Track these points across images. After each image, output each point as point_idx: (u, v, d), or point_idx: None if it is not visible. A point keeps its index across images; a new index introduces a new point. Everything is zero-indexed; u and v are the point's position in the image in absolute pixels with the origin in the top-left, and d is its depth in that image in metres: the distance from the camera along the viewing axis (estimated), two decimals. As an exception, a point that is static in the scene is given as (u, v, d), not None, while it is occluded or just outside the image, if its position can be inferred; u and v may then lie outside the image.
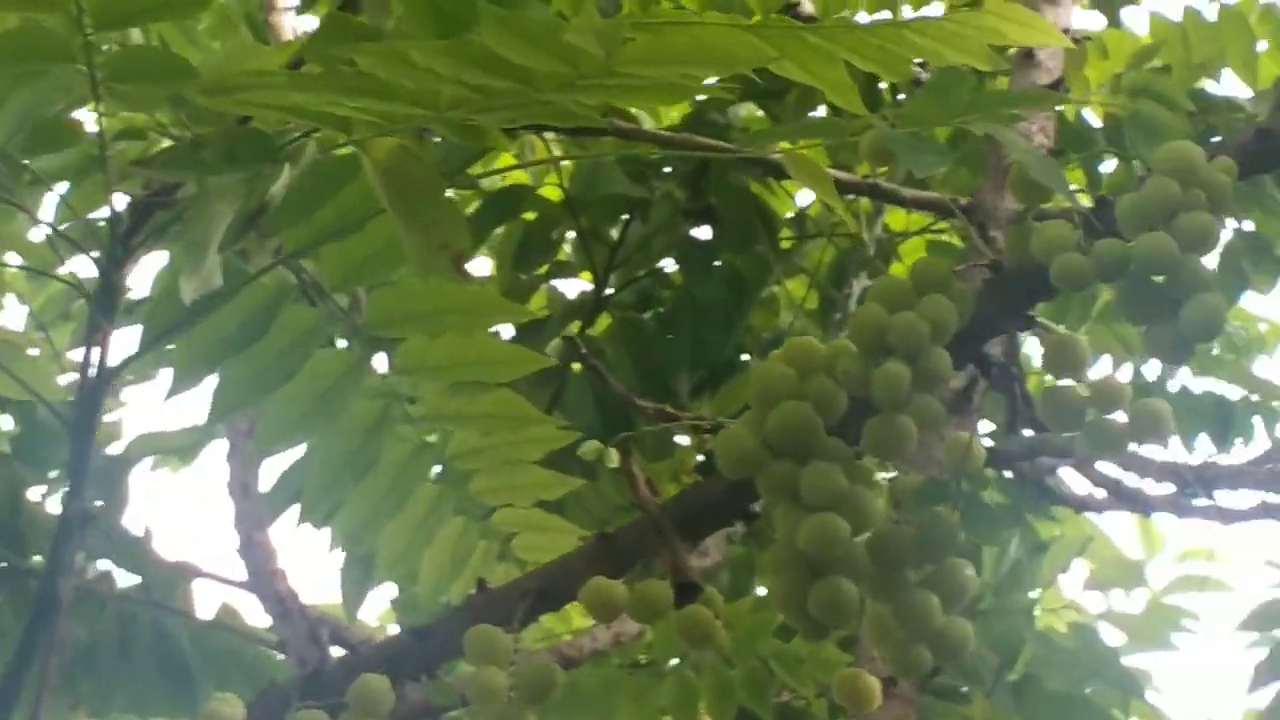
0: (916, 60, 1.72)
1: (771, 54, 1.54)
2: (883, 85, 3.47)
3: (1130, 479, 2.74)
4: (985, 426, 3.01)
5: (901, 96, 3.39)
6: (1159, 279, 1.48)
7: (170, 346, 2.03)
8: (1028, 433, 2.73)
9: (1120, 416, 1.56)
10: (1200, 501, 2.68)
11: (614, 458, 2.98)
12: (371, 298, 2.20)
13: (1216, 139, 3.14)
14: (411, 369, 2.13)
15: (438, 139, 1.86)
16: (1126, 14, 3.65)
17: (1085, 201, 1.57)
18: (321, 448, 2.17)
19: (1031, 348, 3.17)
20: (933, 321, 1.49)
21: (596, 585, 1.62)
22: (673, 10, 1.77)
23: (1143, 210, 1.48)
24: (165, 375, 2.04)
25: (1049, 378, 1.58)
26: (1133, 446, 1.57)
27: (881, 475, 1.58)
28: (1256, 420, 3.84)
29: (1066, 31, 2.66)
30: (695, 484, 1.66)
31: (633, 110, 3.77)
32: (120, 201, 1.91)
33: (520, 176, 3.75)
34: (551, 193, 3.73)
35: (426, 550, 2.26)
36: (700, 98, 3.51)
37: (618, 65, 1.46)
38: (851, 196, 3.27)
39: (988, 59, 1.67)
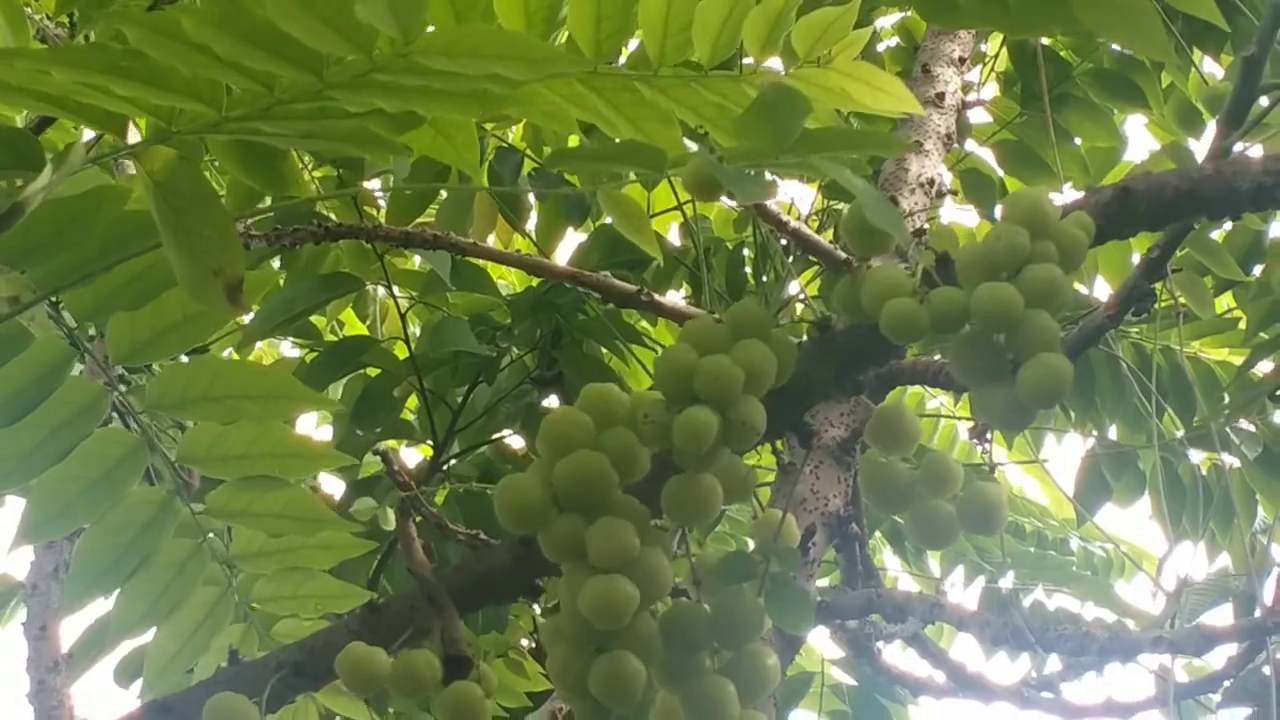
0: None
1: (583, 61, 1.39)
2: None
3: (973, 661, 2.58)
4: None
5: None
6: (999, 336, 1.33)
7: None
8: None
9: (949, 503, 1.40)
10: (1045, 694, 2.51)
11: (391, 518, 2.80)
12: (157, 374, 2.03)
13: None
14: (198, 458, 1.96)
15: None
16: (999, 209, 3.56)
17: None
18: (93, 535, 1.98)
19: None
20: (748, 368, 1.33)
21: (354, 653, 1.43)
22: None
23: (987, 259, 1.33)
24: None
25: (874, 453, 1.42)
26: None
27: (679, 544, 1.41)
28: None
29: (931, 183, 2.55)
30: (476, 549, 1.47)
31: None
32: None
33: (360, 328, 3.60)
34: (397, 349, 3.56)
35: (199, 659, 2.06)
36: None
37: (417, 54, 1.31)
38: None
39: (831, 121, 1.53)
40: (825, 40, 1.53)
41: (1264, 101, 2.27)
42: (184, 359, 2.12)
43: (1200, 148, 3.35)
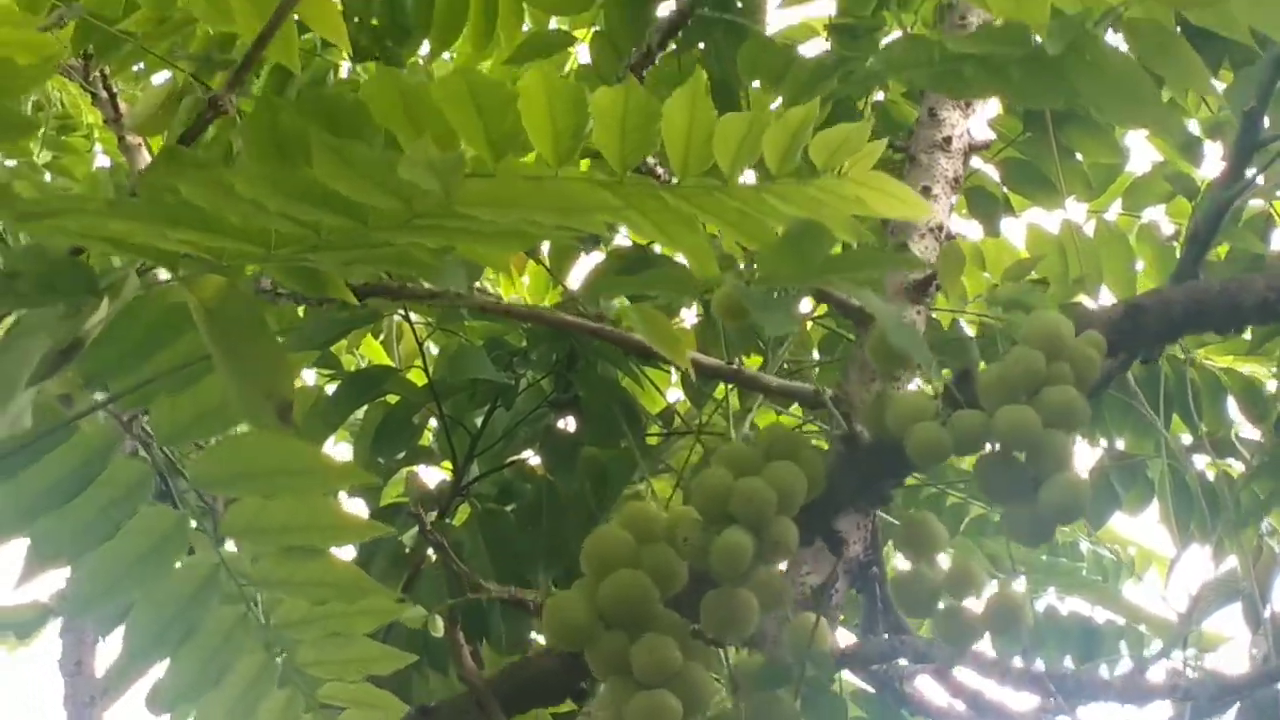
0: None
1: (615, 203, 1.46)
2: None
3: (991, 689, 2.64)
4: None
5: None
6: (1019, 455, 1.40)
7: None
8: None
9: (974, 605, 1.47)
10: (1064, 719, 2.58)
11: (440, 626, 2.87)
12: (201, 454, 2.10)
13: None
14: (241, 530, 2.03)
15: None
16: (1005, 224, 3.62)
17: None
18: (140, 610, 2.05)
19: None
20: (780, 489, 1.40)
21: (408, 760, 1.50)
22: (528, 164, 1.69)
23: (1006, 382, 1.40)
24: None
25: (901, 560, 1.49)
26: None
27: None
28: (1122, 645, 3.77)
29: (940, 229, 2.61)
30: (524, 657, 1.55)
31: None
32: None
33: (381, 357, 3.67)
34: (415, 376, 3.63)
35: (246, 724, 2.13)
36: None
37: (457, 205, 1.38)
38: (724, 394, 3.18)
39: (850, 230, 1.60)
40: (841, 154, 1.60)
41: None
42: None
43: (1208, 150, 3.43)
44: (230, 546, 2.13)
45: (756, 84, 2.61)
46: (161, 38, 2.74)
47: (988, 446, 1.40)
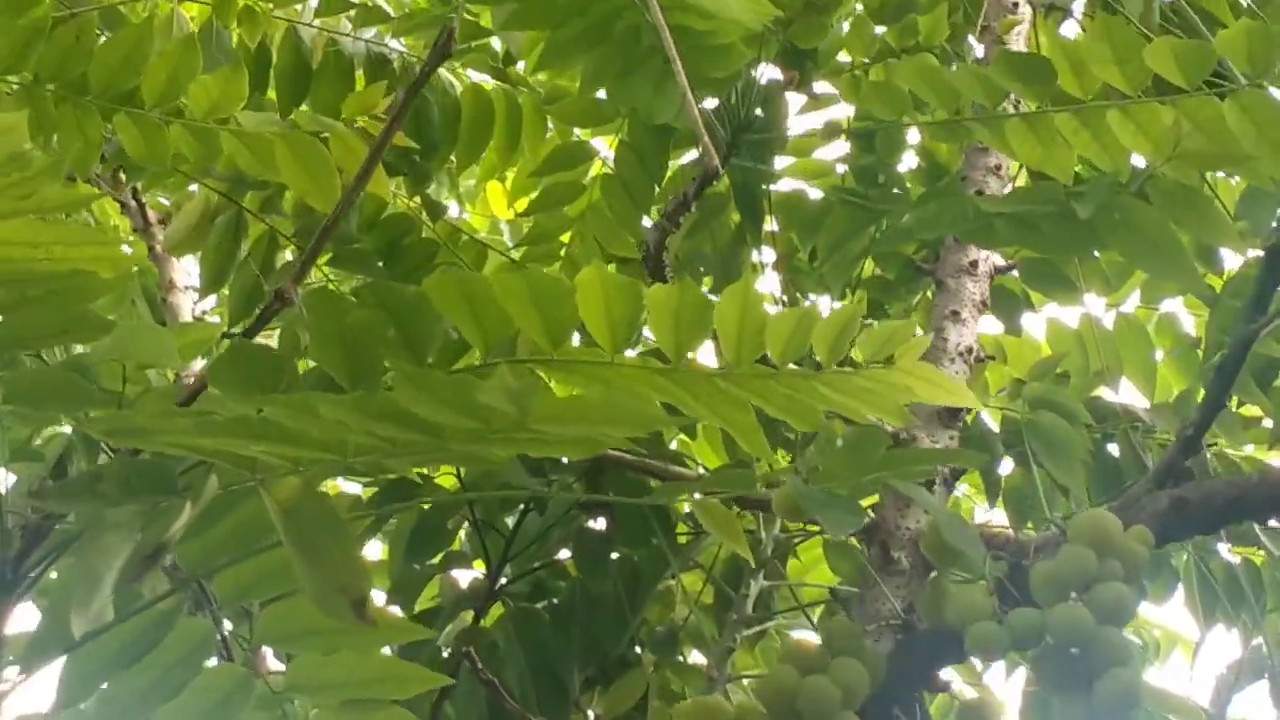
0: None
1: (671, 419, 1.53)
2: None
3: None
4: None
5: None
6: (1074, 650, 1.46)
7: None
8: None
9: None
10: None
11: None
12: (264, 612, 2.16)
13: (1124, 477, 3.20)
14: (303, 686, 2.09)
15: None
16: (1025, 319, 3.68)
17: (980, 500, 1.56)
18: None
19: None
20: (844, 687, 1.46)
21: None
22: (585, 350, 1.76)
23: (1058, 580, 1.47)
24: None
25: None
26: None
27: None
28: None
29: (969, 351, 2.68)
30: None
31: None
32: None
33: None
34: (447, 481, 3.69)
35: None
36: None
37: (531, 422, 1.45)
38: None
39: (900, 415, 1.66)
40: (888, 346, 1.67)
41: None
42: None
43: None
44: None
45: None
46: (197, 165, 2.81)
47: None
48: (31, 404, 1.79)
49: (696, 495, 1.64)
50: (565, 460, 3.64)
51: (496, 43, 3.60)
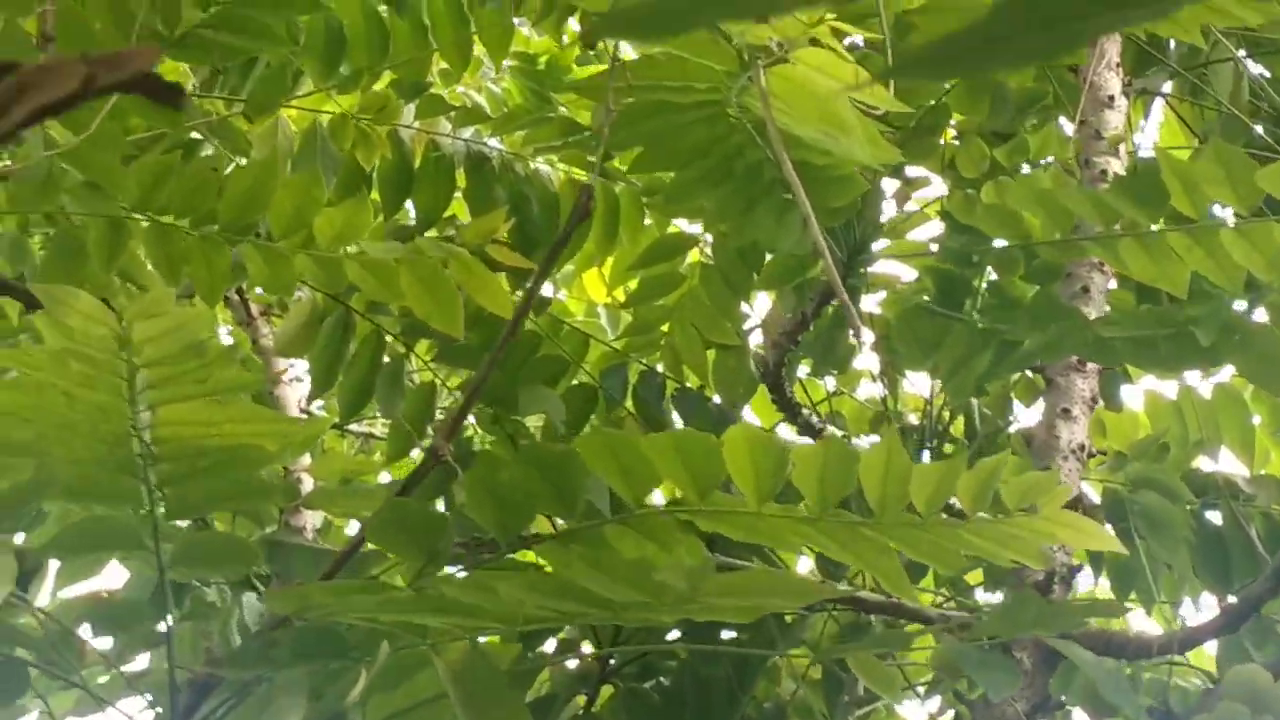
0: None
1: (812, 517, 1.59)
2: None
3: None
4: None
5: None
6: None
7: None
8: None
9: None
10: None
11: None
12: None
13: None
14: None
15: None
16: (1124, 391, 3.72)
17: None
18: None
19: None
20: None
21: None
22: (732, 499, 1.82)
23: (1214, 737, 1.52)
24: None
25: None
26: None
27: None
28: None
29: (1081, 448, 2.73)
30: None
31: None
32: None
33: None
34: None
35: None
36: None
37: (701, 596, 1.51)
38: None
39: (1042, 559, 1.72)
40: (1030, 496, 1.72)
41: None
42: None
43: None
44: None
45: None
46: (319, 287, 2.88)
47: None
48: (199, 565, 1.86)
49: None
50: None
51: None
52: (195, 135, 3.26)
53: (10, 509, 1.75)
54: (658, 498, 3.31)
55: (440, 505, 2.61)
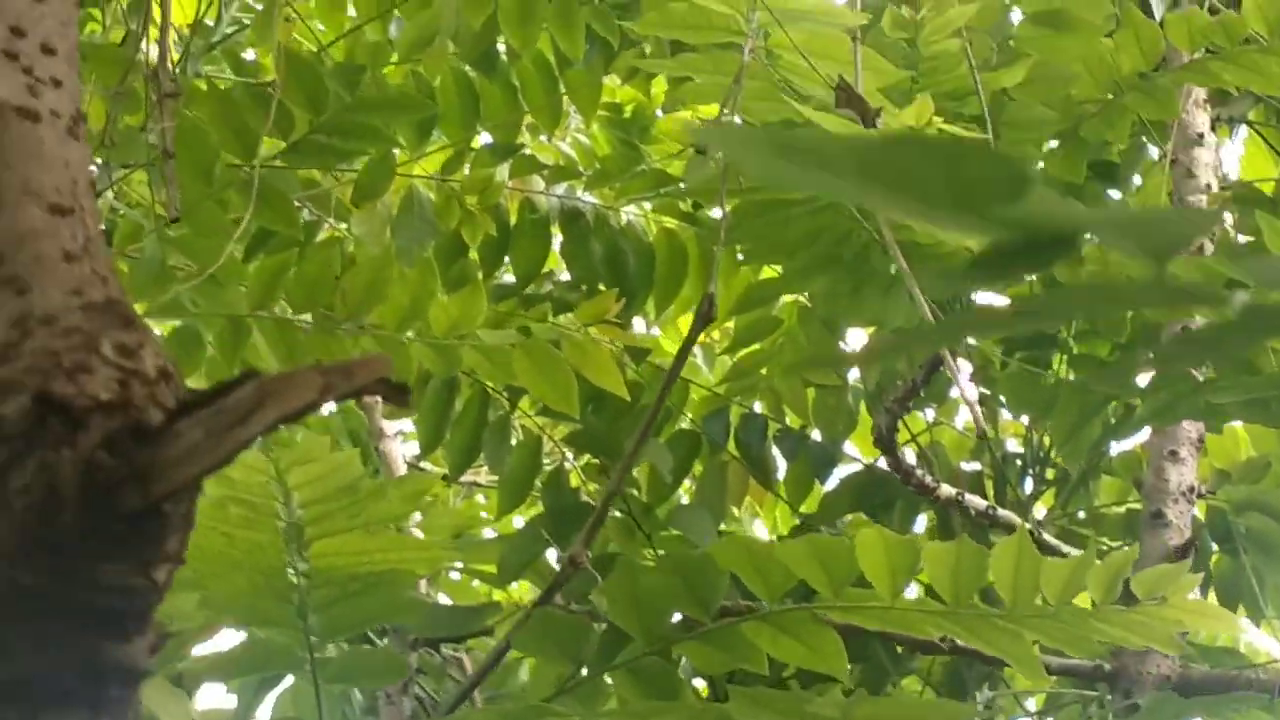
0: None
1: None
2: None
3: None
4: None
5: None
6: None
7: None
8: None
9: None
10: None
11: None
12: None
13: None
14: None
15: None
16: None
17: None
18: None
19: None
20: None
21: None
22: (867, 594, 1.88)
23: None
24: None
25: None
26: None
27: None
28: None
29: (1191, 490, 2.77)
30: None
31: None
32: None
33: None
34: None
35: None
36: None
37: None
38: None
39: (1173, 645, 1.77)
40: (1160, 585, 1.78)
41: None
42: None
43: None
44: None
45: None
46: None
47: None
48: (353, 679, 1.93)
49: None
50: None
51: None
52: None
53: (181, 643, 1.84)
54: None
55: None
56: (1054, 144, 2.66)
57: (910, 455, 3.46)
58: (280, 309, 2.65)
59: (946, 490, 2.51)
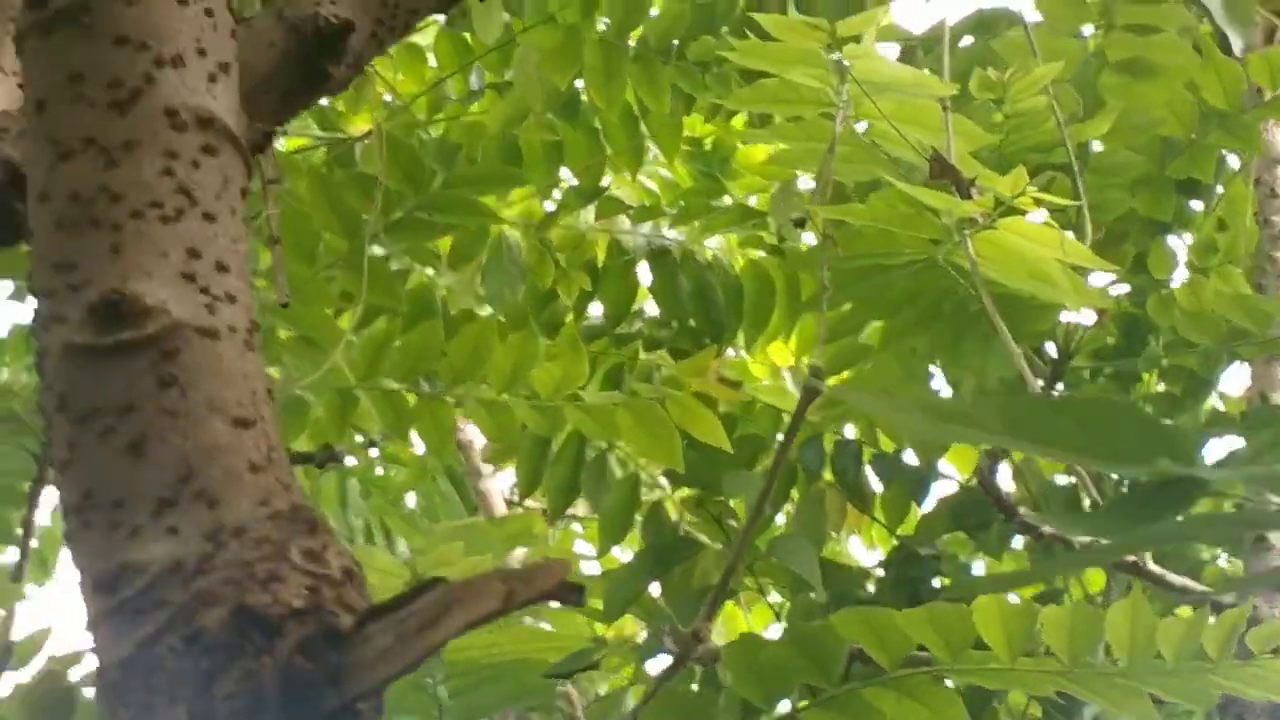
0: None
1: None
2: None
3: None
4: None
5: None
6: None
7: None
8: None
9: None
10: None
11: None
12: None
13: None
14: None
15: None
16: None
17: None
18: None
19: None
20: None
21: None
22: (986, 655, 1.92)
23: None
24: None
25: None
26: None
27: None
28: None
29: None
30: None
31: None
32: None
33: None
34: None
35: None
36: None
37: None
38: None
39: (1288, 703, 1.81)
40: (1274, 640, 1.82)
41: None
42: None
43: None
44: None
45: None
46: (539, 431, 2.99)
47: None
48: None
49: None
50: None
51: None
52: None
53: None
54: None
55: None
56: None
57: (1005, 470, 3.50)
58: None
59: (1049, 530, 2.54)
